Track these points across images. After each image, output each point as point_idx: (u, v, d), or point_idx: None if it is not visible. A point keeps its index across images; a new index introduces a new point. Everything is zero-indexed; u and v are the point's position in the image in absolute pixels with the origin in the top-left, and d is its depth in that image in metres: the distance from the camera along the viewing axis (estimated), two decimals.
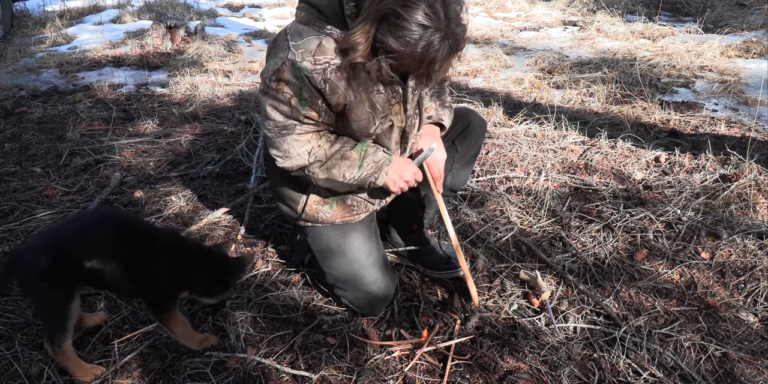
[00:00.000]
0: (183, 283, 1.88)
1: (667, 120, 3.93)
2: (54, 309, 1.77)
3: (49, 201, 2.92)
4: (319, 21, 1.74)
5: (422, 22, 1.54)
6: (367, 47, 1.64)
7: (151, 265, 1.81)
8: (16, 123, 3.89)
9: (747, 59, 5.22)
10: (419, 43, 1.57)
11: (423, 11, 1.53)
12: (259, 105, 1.94)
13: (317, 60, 1.73)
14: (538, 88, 4.65)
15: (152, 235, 1.88)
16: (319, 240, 2.13)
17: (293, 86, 1.76)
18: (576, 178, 3.17)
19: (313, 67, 1.73)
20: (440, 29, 1.57)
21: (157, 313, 1.92)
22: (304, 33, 1.74)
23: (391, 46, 1.60)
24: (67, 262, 1.74)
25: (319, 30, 1.74)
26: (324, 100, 1.81)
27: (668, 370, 1.96)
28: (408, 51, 1.59)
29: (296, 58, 1.73)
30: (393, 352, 2.00)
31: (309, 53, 1.72)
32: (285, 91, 1.78)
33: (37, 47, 5.81)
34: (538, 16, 7.12)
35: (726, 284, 2.37)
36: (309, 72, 1.73)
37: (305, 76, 1.74)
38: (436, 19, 1.55)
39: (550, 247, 2.61)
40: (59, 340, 1.79)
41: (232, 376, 1.88)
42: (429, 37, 1.56)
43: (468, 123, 2.27)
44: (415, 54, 1.60)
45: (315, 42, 1.73)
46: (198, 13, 7.17)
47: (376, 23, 1.59)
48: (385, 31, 1.59)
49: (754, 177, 3.03)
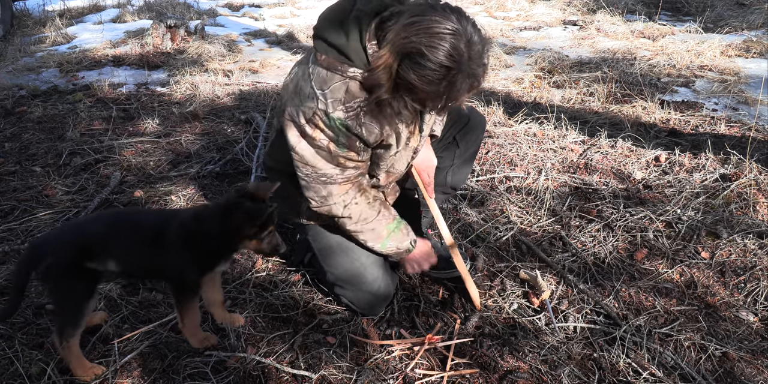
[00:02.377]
0: (210, 259, 1.87)
1: (667, 119, 3.93)
2: (71, 303, 1.78)
3: (49, 200, 2.92)
4: (341, 64, 1.71)
5: (445, 63, 1.53)
6: (390, 84, 1.64)
7: (171, 254, 1.81)
8: (16, 122, 3.89)
9: (747, 59, 5.22)
10: (442, 82, 1.57)
11: (447, 52, 1.52)
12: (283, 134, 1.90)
13: (349, 107, 1.74)
14: (538, 87, 4.65)
15: (169, 222, 1.87)
16: (320, 238, 2.13)
17: (329, 134, 1.77)
18: (576, 178, 3.17)
19: (347, 115, 1.74)
20: (462, 70, 1.56)
21: (179, 299, 1.91)
22: (329, 80, 1.73)
23: (412, 83, 1.59)
24: (92, 257, 1.76)
25: (343, 74, 1.72)
26: (361, 141, 1.82)
27: (668, 370, 1.96)
28: (430, 89, 1.59)
29: (328, 108, 1.72)
30: (393, 352, 2.00)
31: (339, 102, 1.72)
32: (321, 138, 1.78)
33: (37, 47, 5.81)
34: (538, 16, 7.12)
35: (726, 284, 2.37)
36: (344, 121, 1.74)
37: (341, 125, 1.75)
38: (460, 59, 1.54)
39: (550, 247, 2.61)
40: (68, 335, 1.80)
41: (232, 375, 1.88)
42: (452, 77, 1.56)
43: (468, 119, 2.29)
44: (437, 93, 1.60)
45: (342, 88, 1.72)
46: (198, 12, 7.16)
47: (398, 59, 1.58)
48: (408, 68, 1.57)
49: (754, 176, 3.03)
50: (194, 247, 1.81)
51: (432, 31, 1.52)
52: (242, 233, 1.78)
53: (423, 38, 1.52)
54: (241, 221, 1.75)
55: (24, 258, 1.84)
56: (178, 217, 1.89)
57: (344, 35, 1.69)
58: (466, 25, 1.54)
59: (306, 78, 1.77)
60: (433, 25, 1.52)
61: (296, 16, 7.38)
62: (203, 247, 1.81)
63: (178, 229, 1.82)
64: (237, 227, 1.76)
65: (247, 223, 1.75)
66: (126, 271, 1.89)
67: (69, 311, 1.80)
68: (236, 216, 1.75)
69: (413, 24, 1.54)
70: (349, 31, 1.69)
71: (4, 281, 2.29)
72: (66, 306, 1.81)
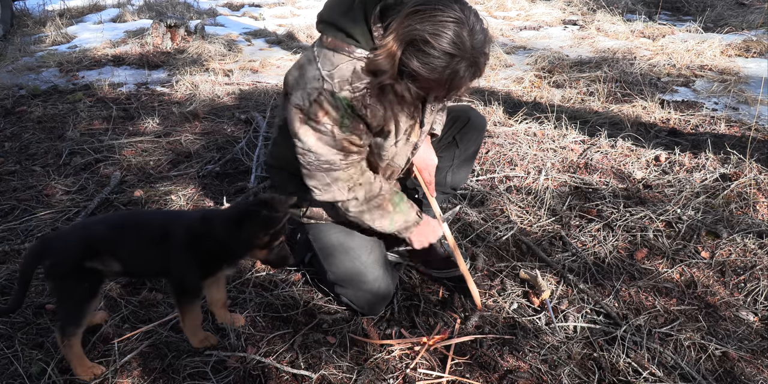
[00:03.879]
0: (214, 264, 1.87)
1: (667, 119, 3.93)
2: (75, 301, 1.79)
3: (49, 200, 2.92)
4: (349, 45, 1.72)
5: (449, 50, 1.55)
6: (394, 71, 1.64)
7: (175, 257, 1.81)
8: (16, 122, 3.89)
9: (747, 58, 5.22)
10: (445, 71, 1.58)
11: (451, 40, 1.54)
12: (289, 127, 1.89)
13: (355, 87, 1.73)
14: (538, 87, 4.65)
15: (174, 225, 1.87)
16: (321, 237, 2.13)
17: (333, 116, 1.76)
18: (576, 178, 3.17)
19: (353, 95, 1.73)
20: (466, 58, 1.57)
21: (180, 299, 1.91)
22: (335, 60, 1.72)
23: (416, 71, 1.60)
24: (96, 256, 1.76)
25: (350, 55, 1.72)
26: (365, 124, 1.82)
27: (668, 369, 1.96)
28: (433, 77, 1.60)
29: (334, 87, 1.72)
30: (393, 352, 2.00)
31: (346, 82, 1.72)
32: (325, 122, 1.77)
33: (37, 46, 5.81)
34: (538, 16, 7.12)
35: (726, 283, 2.38)
36: (349, 101, 1.73)
37: (346, 105, 1.74)
38: (463, 48, 1.55)
39: (550, 246, 2.61)
40: (70, 333, 1.80)
41: (232, 375, 1.88)
42: (455, 65, 1.57)
43: (468, 119, 2.29)
44: (440, 80, 1.61)
45: (350, 68, 1.72)
46: (198, 12, 7.17)
47: (402, 46, 1.59)
48: (411, 55, 1.59)
49: (754, 176, 3.03)
50: (199, 250, 1.81)
51: (436, 18, 1.53)
52: (254, 241, 1.78)
53: (427, 26, 1.53)
54: (255, 229, 1.76)
55: (31, 252, 1.85)
56: (184, 219, 1.89)
57: (351, 19, 1.71)
58: (468, 15, 1.56)
59: (312, 60, 1.77)
60: (437, 14, 1.53)
61: (296, 15, 7.37)
62: (209, 252, 1.81)
63: (185, 231, 1.82)
64: (250, 235, 1.76)
65: (261, 231, 1.76)
66: (129, 271, 1.89)
67: (71, 310, 1.80)
68: (251, 223, 1.75)
69: (417, 12, 1.55)
70: (355, 16, 1.71)
71: (5, 281, 2.29)
72: (68, 305, 1.81)
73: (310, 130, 1.80)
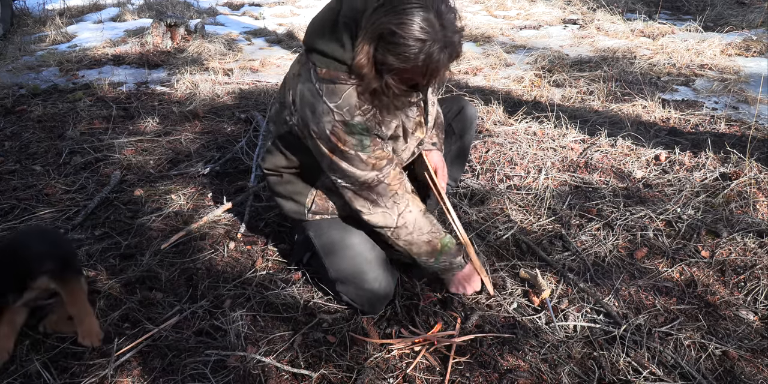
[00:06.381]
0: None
1: (667, 118, 3.93)
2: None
3: (49, 199, 2.92)
4: (343, 72, 1.73)
5: (419, 36, 1.54)
6: (371, 69, 1.65)
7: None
8: (16, 121, 3.89)
9: (747, 58, 5.22)
10: (419, 56, 1.57)
11: (418, 25, 1.53)
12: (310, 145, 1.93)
13: (365, 110, 1.77)
14: (538, 86, 4.65)
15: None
16: (323, 234, 2.14)
17: (352, 143, 1.79)
18: (576, 177, 3.17)
19: (365, 118, 1.77)
20: (438, 40, 1.56)
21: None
22: (337, 90, 1.75)
23: (392, 65, 1.61)
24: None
25: (347, 82, 1.74)
26: (380, 138, 1.87)
27: (668, 369, 1.96)
28: (409, 66, 1.60)
29: (345, 117, 1.75)
30: (393, 351, 2.00)
31: (355, 108, 1.75)
32: (347, 150, 1.80)
33: (37, 45, 5.81)
34: (538, 15, 7.11)
35: (726, 282, 2.38)
36: (363, 124, 1.77)
37: (362, 129, 1.77)
38: (432, 30, 1.55)
39: (550, 246, 2.61)
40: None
41: (232, 374, 1.89)
42: (428, 49, 1.56)
43: (461, 107, 2.39)
44: (417, 68, 1.61)
45: (353, 95, 1.74)
46: (198, 11, 7.16)
47: (374, 43, 1.59)
48: (384, 50, 1.59)
49: (754, 175, 3.03)
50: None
51: (398, 8, 1.53)
52: None
53: (392, 18, 1.54)
54: None
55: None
56: None
57: (339, 45, 1.71)
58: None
59: (316, 96, 1.78)
60: (399, 4, 1.54)
61: (296, 15, 7.37)
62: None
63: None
64: None
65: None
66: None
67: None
68: None
69: (382, 6, 1.56)
70: (340, 36, 1.71)
71: None
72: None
73: (338, 159, 1.84)
